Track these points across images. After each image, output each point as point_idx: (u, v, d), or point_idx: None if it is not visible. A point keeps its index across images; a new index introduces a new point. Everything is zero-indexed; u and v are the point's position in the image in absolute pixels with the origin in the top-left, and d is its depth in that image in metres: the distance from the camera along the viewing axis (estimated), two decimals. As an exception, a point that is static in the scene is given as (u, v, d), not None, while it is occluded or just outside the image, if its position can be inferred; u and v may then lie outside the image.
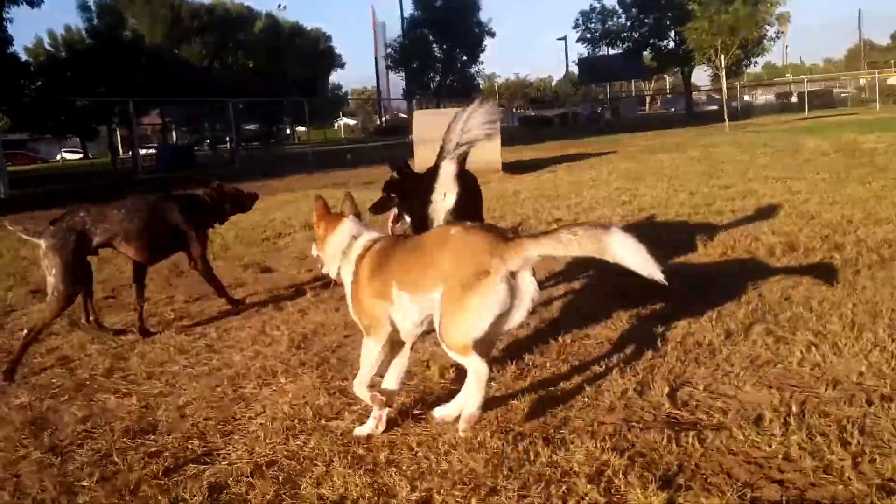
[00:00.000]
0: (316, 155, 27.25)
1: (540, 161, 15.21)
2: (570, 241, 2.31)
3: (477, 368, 2.43)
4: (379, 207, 4.06)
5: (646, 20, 37.90)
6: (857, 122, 22.20)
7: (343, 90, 68.43)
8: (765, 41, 29.91)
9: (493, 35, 44.83)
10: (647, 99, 73.49)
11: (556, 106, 55.55)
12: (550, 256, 2.42)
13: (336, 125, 75.67)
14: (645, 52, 40.98)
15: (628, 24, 38.87)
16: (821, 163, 10.16)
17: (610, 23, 39.28)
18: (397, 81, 48.41)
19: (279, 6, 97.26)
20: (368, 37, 48.11)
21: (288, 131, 51.17)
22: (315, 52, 55.54)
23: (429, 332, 2.70)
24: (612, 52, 41.82)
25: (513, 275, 2.36)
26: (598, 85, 55.09)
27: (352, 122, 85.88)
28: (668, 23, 37.07)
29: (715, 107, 57.35)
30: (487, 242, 2.41)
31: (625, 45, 40.01)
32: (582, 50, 45.03)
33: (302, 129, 50.99)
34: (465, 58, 44.25)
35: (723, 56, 24.67)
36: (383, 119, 55.59)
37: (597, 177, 10.90)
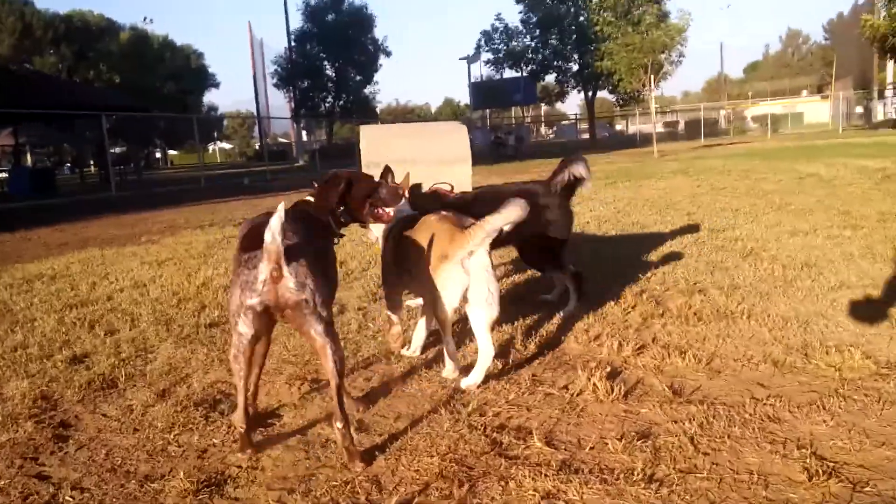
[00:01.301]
0: (207, 180, 25.45)
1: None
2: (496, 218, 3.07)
3: (449, 343, 3.39)
4: None
5: (550, 41, 38.81)
6: (772, 150, 23.34)
7: (218, 112, 65.69)
8: (666, 65, 31.33)
9: (388, 54, 44.44)
10: (536, 127, 75.74)
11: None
12: (499, 231, 3.10)
13: (210, 149, 72.54)
14: (549, 76, 41.93)
15: (532, 44, 39.62)
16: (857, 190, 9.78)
17: (514, 43, 39.90)
18: (278, 104, 46.85)
19: (144, 19, 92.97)
20: (245, 55, 46.17)
21: (159, 154, 48.18)
22: (187, 69, 53.06)
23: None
24: (515, 74, 42.45)
25: (469, 254, 3.09)
26: (493, 110, 55.92)
27: (227, 146, 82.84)
28: (570, 46, 38.12)
29: (606, 134, 60.11)
30: (448, 231, 3.16)
31: (528, 68, 40.73)
32: (487, 71, 45.50)
33: (174, 152, 48.20)
34: (358, 77, 43.40)
35: (652, 77, 25.44)
36: (265, 142, 53.56)
37: (616, 207, 9.78)
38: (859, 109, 54.28)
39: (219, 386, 3.60)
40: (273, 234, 2.33)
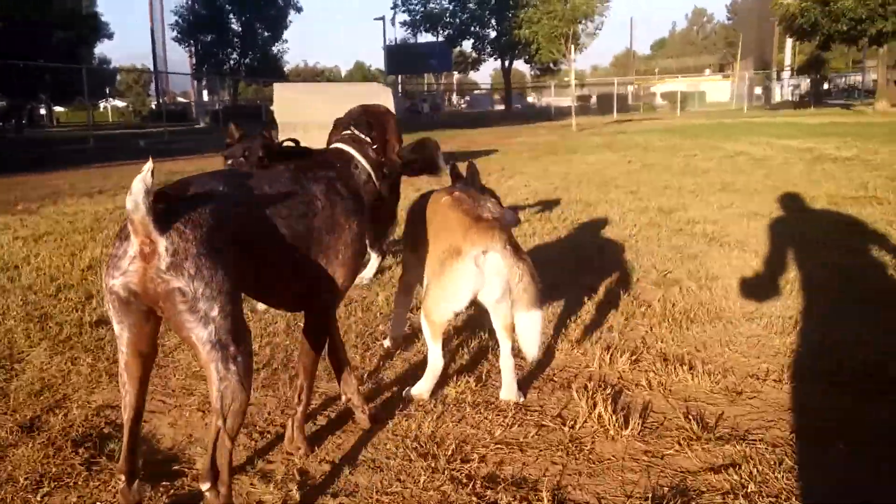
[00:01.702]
0: (98, 141, 23.40)
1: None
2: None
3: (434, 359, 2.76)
4: None
5: (468, 4, 37.95)
6: (688, 127, 23.60)
7: (111, 66, 61.16)
8: (583, 37, 31.24)
9: (299, 10, 42.33)
10: (449, 96, 75.02)
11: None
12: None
13: (102, 107, 67.83)
14: (466, 42, 41.16)
15: (450, 7, 38.63)
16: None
17: (432, 4, 38.83)
18: (177, 60, 43.92)
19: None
20: (142, 4, 42.93)
21: (43, 111, 44.38)
22: (77, 16, 48.87)
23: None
24: (431, 38, 41.47)
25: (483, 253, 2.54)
26: (406, 76, 54.74)
27: (120, 104, 77.76)
28: (488, 11, 37.40)
29: (518, 106, 60.06)
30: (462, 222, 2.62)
31: (445, 32, 39.78)
32: (402, 34, 44.26)
33: (60, 109, 44.53)
34: (266, 34, 41.15)
35: (573, 46, 25.10)
36: (162, 101, 50.40)
37: (552, 183, 9.26)
38: (759, 90, 56.44)
39: (108, 413, 2.78)
40: (136, 199, 1.66)
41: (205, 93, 52.88)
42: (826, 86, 54.12)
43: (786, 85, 57.40)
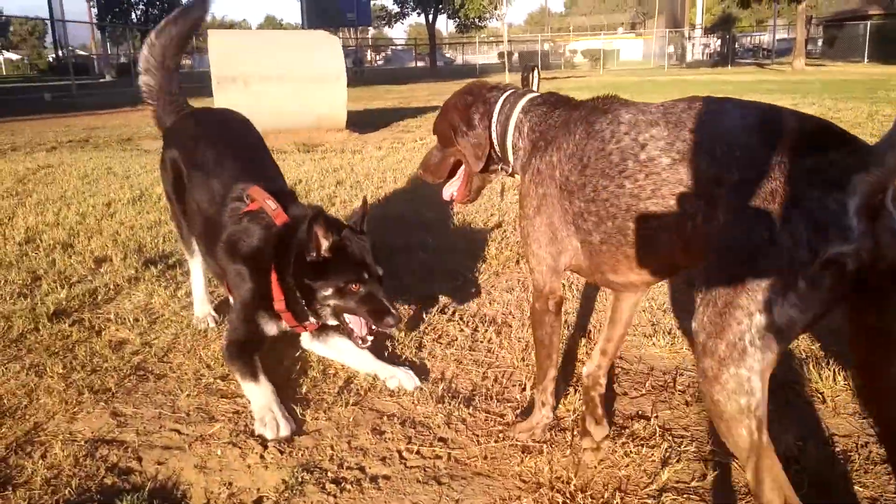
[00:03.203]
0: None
1: (387, 113, 12.81)
2: None
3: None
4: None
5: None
6: (624, 85, 23.35)
7: (2, 16, 55.85)
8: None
9: (209, -42, 39.32)
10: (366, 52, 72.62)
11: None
12: None
13: (-7, 59, 62.32)
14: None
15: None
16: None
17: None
18: (76, 13, 40.24)
19: None
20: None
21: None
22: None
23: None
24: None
25: None
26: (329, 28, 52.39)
27: (15, 56, 71.61)
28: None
29: (441, 63, 58.81)
30: None
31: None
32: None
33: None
34: (174, -17, 38.27)
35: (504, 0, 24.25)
36: (62, 54, 46.45)
37: None
38: (671, 49, 57.22)
39: (106, 452, 2.05)
40: None
41: (107, 45, 49.21)
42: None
43: (697, 44, 58.38)
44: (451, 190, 2.26)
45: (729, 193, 1.38)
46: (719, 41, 55.50)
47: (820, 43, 47.52)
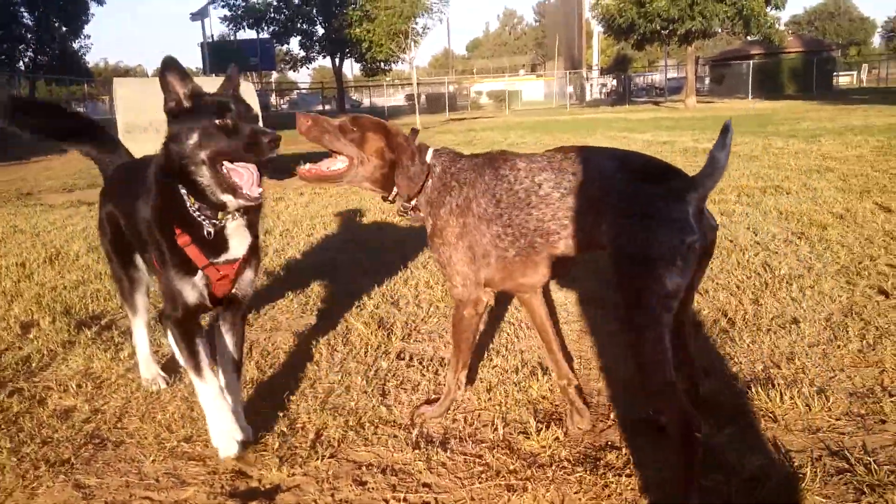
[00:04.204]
0: None
1: (302, 158, 12.57)
2: None
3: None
4: None
5: (293, 0, 36.30)
6: (537, 124, 24.05)
7: None
8: (419, 32, 30.97)
9: (101, 2, 38.32)
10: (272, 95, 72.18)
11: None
12: None
13: None
14: (293, 39, 39.31)
15: (273, 2, 36.70)
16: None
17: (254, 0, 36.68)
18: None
19: None
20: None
21: None
22: None
23: None
24: (259, 35, 39.27)
25: None
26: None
27: None
28: (314, 8, 35.99)
29: (348, 106, 59.00)
30: None
31: (271, 29, 37.84)
32: (223, 30, 41.52)
33: None
34: (63, 29, 36.91)
35: (413, 43, 24.69)
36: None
37: None
38: (570, 89, 59.74)
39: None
40: None
41: (-11, 94, 46.88)
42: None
43: (595, 84, 61.26)
44: (317, 167, 2.49)
45: (611, 211, 2.05)
46: (614, 81, 58.65)
47: (707, 81, 50.93)
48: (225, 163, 2.14)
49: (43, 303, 4.11)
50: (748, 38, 33.45)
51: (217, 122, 2.13)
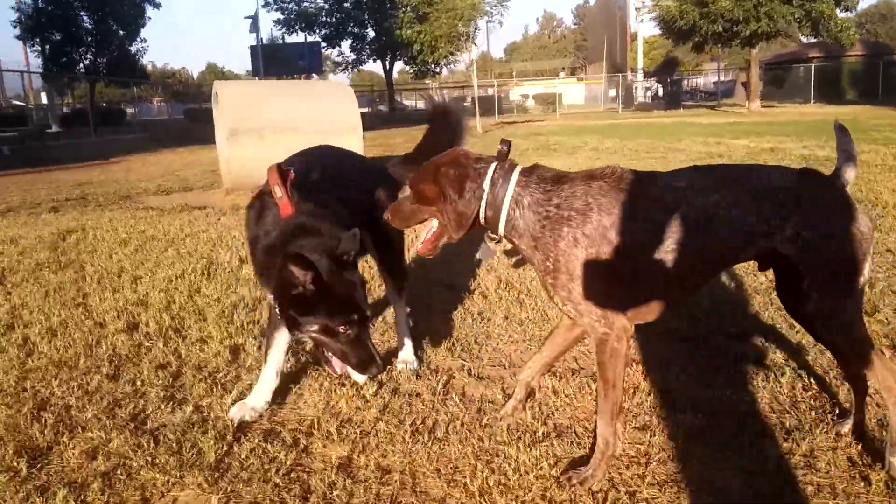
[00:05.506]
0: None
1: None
2: None
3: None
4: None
5: (344, 4, 36.29)
6: (594, 128, 23.53)
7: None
8: (461, 39, 30.55)
9: (157, 6, 38.58)
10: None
11: (202, 100, 50.36)
12: None
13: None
14: (345, 42, 39.26)
15: (325, 6, 36.73)
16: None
17: (306, 3, 36.74)
18: (9, 62, 38.54)
19: None
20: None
21: None
22: None
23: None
24: (306, 38, 39.30)
25: None
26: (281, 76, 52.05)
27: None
28: (366, 11, 35.91)
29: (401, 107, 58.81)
30: None
31: (322, 32, 37.86)
32: (276, 33, 41.75)
33: None
34: (122, 32, 37.19)
35: (472, 44, 24.31)
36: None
37: None
38: (612, 93, 58.61)
39: None
40: None
41: (43, 95, 47.82)
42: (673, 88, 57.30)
43: (640, 87, 60.15)
44: (421, 240, 2.35)
45: (782, 232, 2.06)
46: (658, 85, 57.34)
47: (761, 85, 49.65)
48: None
49: (235, 322, 3.76)
50: (806, 39, 32.41)
51: (341, 329, 2.27)
